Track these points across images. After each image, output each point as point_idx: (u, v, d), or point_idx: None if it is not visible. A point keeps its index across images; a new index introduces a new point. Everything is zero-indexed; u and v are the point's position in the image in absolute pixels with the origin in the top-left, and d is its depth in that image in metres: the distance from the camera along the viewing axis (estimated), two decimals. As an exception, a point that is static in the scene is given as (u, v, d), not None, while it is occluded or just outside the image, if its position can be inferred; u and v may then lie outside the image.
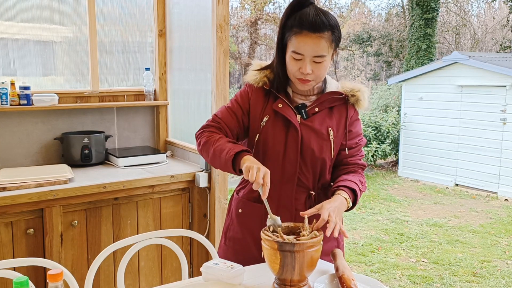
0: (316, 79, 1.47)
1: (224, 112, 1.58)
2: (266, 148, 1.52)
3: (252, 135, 1.56)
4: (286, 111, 1.51)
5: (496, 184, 7.00)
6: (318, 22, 1.38)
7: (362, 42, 16.07)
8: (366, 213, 6.08)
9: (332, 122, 1.54)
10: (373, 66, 17.31)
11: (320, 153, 1.52)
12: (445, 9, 16.25)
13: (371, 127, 8.68)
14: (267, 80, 1.56)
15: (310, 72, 1.43)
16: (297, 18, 1.41)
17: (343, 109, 1.56)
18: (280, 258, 1.17)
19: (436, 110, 7.86)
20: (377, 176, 8.39)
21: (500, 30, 15.94)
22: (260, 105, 1.55)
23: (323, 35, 1.39)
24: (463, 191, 7.37)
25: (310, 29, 1.38)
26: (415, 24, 11.59)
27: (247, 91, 1.58)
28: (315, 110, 1.52)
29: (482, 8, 18.45)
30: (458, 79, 7.49)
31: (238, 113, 1.56)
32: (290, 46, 1.44)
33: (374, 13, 20.08)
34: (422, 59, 11.39)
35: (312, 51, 1.40)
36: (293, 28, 1.42)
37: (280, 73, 1.52)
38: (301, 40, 1.40)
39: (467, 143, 7.44)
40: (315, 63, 1.43)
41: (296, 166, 1.51)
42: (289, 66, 1.47)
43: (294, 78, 1.48)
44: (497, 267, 4.24)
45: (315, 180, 1.55)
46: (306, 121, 1.51)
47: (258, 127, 1.54)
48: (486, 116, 7.11)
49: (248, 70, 1.63)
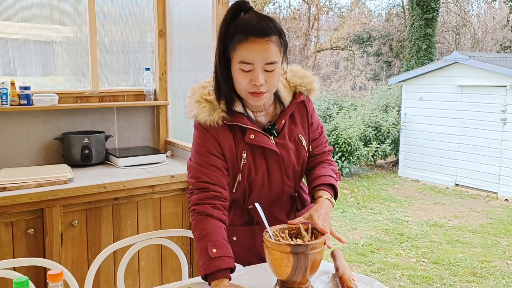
0: (270, 90, 1.34)
1: (203, 171, 1.37)
2: (251, 180, 1.45)
3: (232, 175, 1.43)
4: (261, 140, 1.40)
5: (496, 184, 6.99)
6: (264, 26, 1.26)
7: (362, 42, 16.07)
8: (366, 213, 6.08)
9: (298, 128, 1.49)
10: (373, 66, 17.30)
11: (299, 163, 1.50)
12: (445, 9, 16.24)
13: (371, 127, 8.68)
14: (225, 114, 1.38)
15: (264, 83, 1.29)
16: (239, 25, 1.28)
17: (302, 107, 1.51)
18: (293, 261, 1.16)
19: (436, 110, 7.86)
20: (377, 176, 8.39)
21: (500, 30, 15.94)
22: (231, 144, 1.40)
23: (271, 39, 1.27)
24: (463, 191, 7.37)
25: (256, 34, 1.25)
26: (415, 24, 11.59)
27: (209, 135, 1.39)
28: (282, 123, 1.45)
29: (482, 8, 18.45)
30: (458, 79, 7.49)
31: (217, 164, 1.38)
32: (236, 57, 1.29)
33: (374, 13, 20.09)
34: (422, 59, 11.39)
35: (262, 58, 1.27)
36: (236, 36, 1.27)
37: (228, 93, 1.36)
38: (248, 48, 1.26)
39: (467, 143, 7.44)
40: (266, 72, 1.29)
41: (282, 185, 1.49)
42: (239, 81, 1.32)
43: (245, 93, 1.34)
44: (497, 267, 4.23)
45: (296, 184, 1.55)
46: (279, 138, 1.45)
47: (238, 167, 1.42)
48: (486, 116, 7.11)
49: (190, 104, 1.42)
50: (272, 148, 1.42)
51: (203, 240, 1.29)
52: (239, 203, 1.52)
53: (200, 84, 1.45)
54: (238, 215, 1.53)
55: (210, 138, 1.39)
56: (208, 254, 1.25)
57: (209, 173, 1.37)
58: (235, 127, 1.40)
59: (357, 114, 8.93)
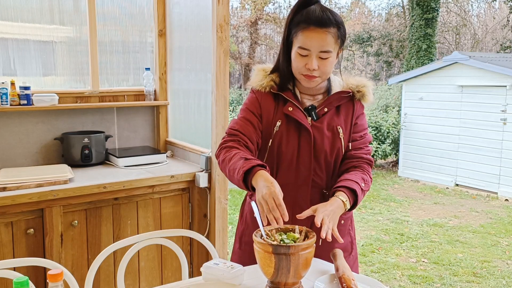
0: (322, 76, 1.47)
1: (239, 122, 1.54)
2: (280, 152, 1.51)
3: (264, 140, 1.54)
4: (297, 114, 1.50)
5: (497, 184, 6.99)
6: (324, 18, 1.41)
7: (362, 42, 16.08)
8: (366, 213, 6.08)
9: (340, 120, 1.54)
10: (373, 66, 17.31)
11: (333, 154, 1.52)
12: (445, 9, 16.24)
13: (371, 127, 8.68)
14: (274, 84, 1.55)
15: (316, 68, 1.43)
16: (304, 14, 1.43)
17: (350, 105, 1.57)
18: (275, 261, 1.15)
19: (436, 110, 7.85)
20: (377, 176, 8.39)
21: (500, 30, 15.94)
22: (271, 110, 1.54)
23: (329, 30, 1.41)
24: (464, 191, 7.37)
25: (317, 24, 1.40)
26: (415, 24, 11.59)
27: (255, 97, 1.56)
28: (324, 110, 1.52)
29: (482, 8, 18.46)
30: (458, 79, 7.49)
31: (253, 120, 1.53)
32: (296, 42, 1.44)
33: (374, 13, 20.09)
34: (422, 59, 11.39)
35: (319, 46, 1.41)
36: (299, 24, 1.43)
37: (285, 71, 1.52)
38: (307, 35, 1.41)
39: (467, 143, 7.44)
40: (321, 59, 1.43)
41: (310, 169, 1.51)
42: (295, 63, 1.47)
43: (299, 75, 1.48)
44: (497, 267, 4.23)
45: (328, 179, 1.55)
46: (317, 122, 1.51)
47: (271, 132, 1.52)
48: (487, 116, 7.11)
49: (251, 75, 1.62)
50: (306, 126, 1.49)
51: (235, 157, 1.40)
52: None
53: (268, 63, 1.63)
54: None
55: (254, 99, 1.56)
56: (242, 159, 1.37)
57: (243, 125, 1.52)
58: (280, 97, 1.54)
59: (358, 114, 8.91)
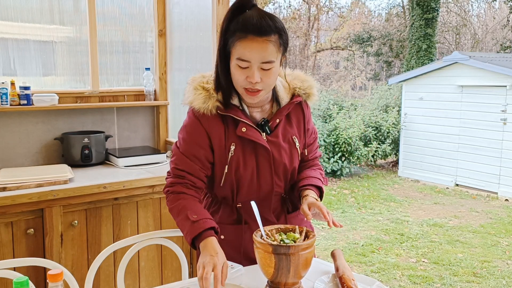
0: (265, 88, 1.34)
1: (184, 160, 1.40)
2: (239, 176, 1.43)
3: (219, 166, 1.43)
4: (252, 134, 1.39)
5: (497, 184, 6.99)
6: (263, 25, 1.27)
7: (362, 42, 16.07)
8: (366, 213, 6.08)
9: (293, 130, 1.49)
10: (373, 66, 17.31)
11: (291, 164, 1.49)
12: (445, 9, 16.24)
13: (371, 127, 8.68)
14: (219, 104, 1.39)
15: (259, 81, 1.30)
16: (240, 22, 1.28)
17: (299, 110, 1.51)
18: (275, 261, 1.15)
19: (436, 110, 7.86)
20: (377, 176, 8.39)
21: (500, 30, 15.94)
22: (221, 134, 1.40)
23: (270, 38, 1.28)
24: (464, 191, 7.37)
25: (255, 33, 1.26)
26: (416, 24, 11.59)
27: (199, 123, 1.40)
28: (276, 122, 1.44)
29: (482, 8, 18.45)
30: (459, 79, 7.49)
31: (200, 155, 1.40)
32: (235, 53, 1.30)
33: (375, 13, 20.09)
34: (423, 59, 11.39)
35: (259, 56, 1.28)
36: (236, 33, 1.29)
37: (225, 86, 1.38)
38: (246, 46, 1.27)
39: (467, 143, 7.44)
40: (263, 70, 1.30)
41: (272, 184, 1.47)
42: (235, 76, 1.33)
43: (241, 89, 1.35)
44: (497, 267, 4.23)
45: (286, 185, 1.54)
46: (271, 136, 1.44)
47: (225, 159, 1.41)
48: (487, 116, 7.11)
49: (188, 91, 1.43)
50: (262, 144, 1.41)
51: (182, 212, 1.34)
52: (228, 202, 1.51)
53: (201, 73, 1.47)
54: (227, 213, 1.52)
55: (199, 128, 1.41)
56: (189, 220, 1.31)
57: (189, 163, 1.40)
58: (228, 118, 1.41)
59: (357, 114, 8.93)
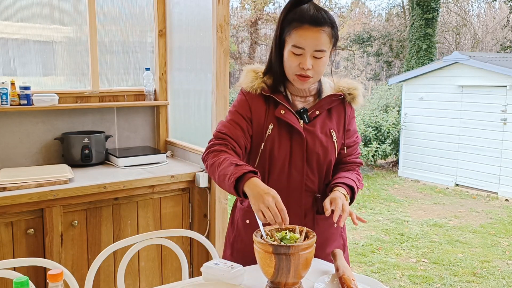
0: (315, 76, 1.45)
1: (227, 125, 1.50)
2: (272, 156, 1.49)
3: (256, 144, 1.51)
4: (289, 117, 1.47)
5: (497, 184, 6.99)
6: (319, 17, 1.39)
7: (362, 42, 16.06)
8: (366, 213, 6.08)
9: (332, 124, 1.53)
10: (374, 66, 17.30)
11: (325, 157, 1.52)
12: (445, 9, 16.24)
13: (371, 127, 8.68)
14: (265, 85, 1.51)
15: (310, 67, 1.41)
16: (297, 13, 1.41)
17: (341, 108, 1.56)
18: (275, 261, 1.15)
19: (436, 110, 7.85)
20: (377, 176, 8.39)
21: (500, 30, 15.93)
22: (262, 113, 1.50)
23: (324, 29, 1.39)
24: (464, 191, 7.37)
25: (311, 22, 1.38)
26: (416, 24, 11.59)
27: (245, 99, 1.52)
28: (316, 113, 1.51)
29: (482, 8, 18.45)
30: (459, 79, 7.49)
31: (242, 124, 1.49)
32: (290, 41, 1.42)
33: (375, 13, 20.09)
34: (423, 59, 11.38)
35: (313, 44, 1.39)
36: (293, 22, 1.40)
37: (278, 72, 1.49)
38: (302, 34, 1.39)
39: (467, 143, 7.44)
40: (315, 59, 1.41)
41: (303, 173, 1.50)
42: (288, 62, 1.44)
43: (292, 75, 1.45)
44: (497, 267, 4.23)
45: (320, 183, 1.55)
46: (309, 125, 1.50)
47: (263, 136, 1.49)
48: (487, 116, 7.11)
49: (241, 76, 1.58)
50: (298, 129, 1.47)
51: (225, 161, 1.36)
52: None
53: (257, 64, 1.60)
54: None
55: (245, 102, 1.52)
56: (233, 164, 1.34)
57: (232, 128, 1.49)
58: (271, 100, 1.50)
59: (357, 114, 8.93)
